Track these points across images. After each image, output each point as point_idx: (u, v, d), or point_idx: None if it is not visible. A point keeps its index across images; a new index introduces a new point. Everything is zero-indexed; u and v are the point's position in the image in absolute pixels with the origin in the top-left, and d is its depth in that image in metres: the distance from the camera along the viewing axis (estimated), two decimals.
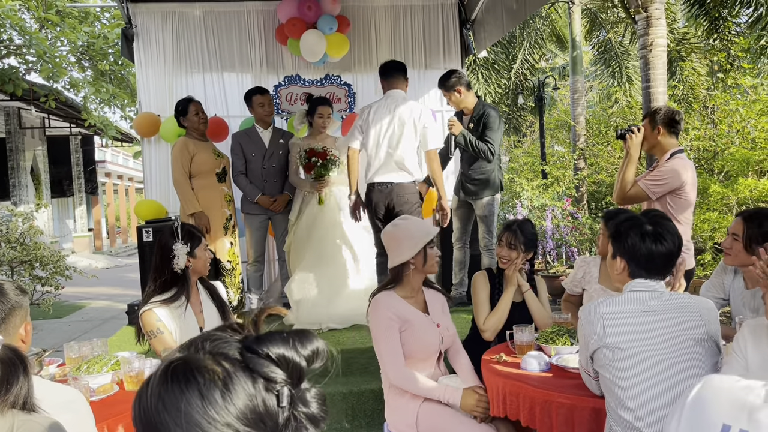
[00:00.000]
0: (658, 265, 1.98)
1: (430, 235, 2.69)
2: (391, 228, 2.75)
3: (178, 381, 0.73)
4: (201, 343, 0.78)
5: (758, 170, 5.59)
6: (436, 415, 2.57)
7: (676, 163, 3.40)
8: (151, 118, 5.49)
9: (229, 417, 0.71)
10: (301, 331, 0.79)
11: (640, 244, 1.97)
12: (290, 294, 4.70)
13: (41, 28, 10.69)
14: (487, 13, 5.73)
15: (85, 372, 2.41)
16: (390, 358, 2.57)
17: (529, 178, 9.73)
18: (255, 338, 0.76)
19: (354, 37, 5.78)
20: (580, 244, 7.16)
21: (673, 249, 1.97)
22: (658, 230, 1.98)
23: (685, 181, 3.34)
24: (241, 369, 0.74)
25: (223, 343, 0.77)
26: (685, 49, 11.17)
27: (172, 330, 2.59)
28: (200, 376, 0.72)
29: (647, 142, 3.55)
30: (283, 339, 0.76)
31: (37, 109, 11.55)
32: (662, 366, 1.84)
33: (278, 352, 0.75)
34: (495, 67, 13.59)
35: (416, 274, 2.70)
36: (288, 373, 0.75)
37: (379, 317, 2.61)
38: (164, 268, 2.62)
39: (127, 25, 5.61)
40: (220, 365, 0.74)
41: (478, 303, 3.02)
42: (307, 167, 4.67)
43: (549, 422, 2.14)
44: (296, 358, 0.75)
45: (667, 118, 3.48)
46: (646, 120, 3.58)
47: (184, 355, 0.76)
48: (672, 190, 3.37)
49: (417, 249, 2.64)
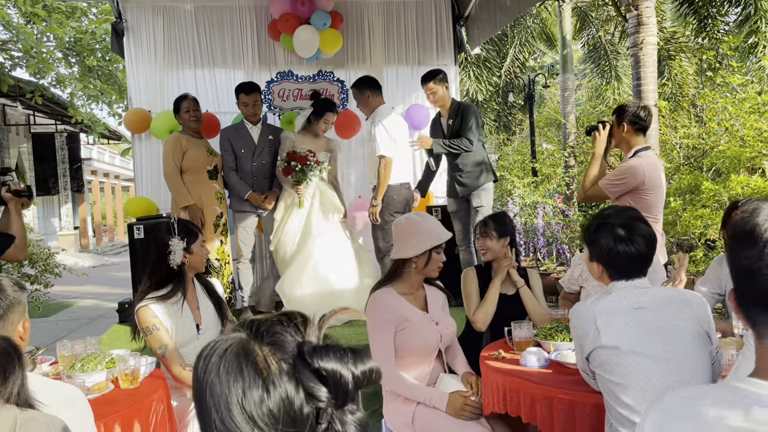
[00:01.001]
0: (634, 267, 1.98)
1: (439, 239, 2.64)
2: (404, 221, 2.72)
3: (227, 365, 0.75)
4: (264, 328, 0.78)
5: (749, 167, 5.64)
6: (433, 414, 2.56)
7: (636, 162, 3.32)
8: (142, 114, 5.43)
9: (259, 413, 0.72)
10: (359, 350, 0.78)
11: (613, 248, 1.97)
12: (282, 292, 4.68)
13: (28, 22, 10.55)
14: (481, 10, 5.73)
15: (80, 370, 2.37)
16: (380, 358, 2.54)
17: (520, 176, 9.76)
18: (312, 348, 0.75)
19: (347, 34, 5.75)
20: (571, 241, 7.19)
21: (645, 250, 1.97)
22: (630, 232, 1.97)
23: (644, 181, 3.27)
24: (288, 375, 0.74)
25: (282, 338, 0.76)
26: (674, 47, 11.24)
27: (168, 326, 2.57)
28: (249, 368, 0.74)
29: (614, 139, 3.51)
30: (339, 355, 0.75)
31: (23, 106, 11.41)
32: (659, 362, 1.84)
33: (330, 368, 0.74)
34: (486, 65, 13.61)
35: (416, 273, 2.68)
36: (333, 393, 0.74)
37: (375, 315, 2.60)
38: (160, 264, 2.60)
39: (117, 19, 5.53)
40: (271, 364, 0.74)
41: (467, 296, 3.04)
42: (286, 171, 4.62)
43: (550, 418, 2.13)
44: (347, 377, 0.74)
45: (633, 115, 3.40)
46: (614, 116, 3.52)
47: (243, 340, 0.77)
48: (630, 190, 3.30)
49: (421, 249, 2.61)
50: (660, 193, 3.38)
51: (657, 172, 3.35)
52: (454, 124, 4.66)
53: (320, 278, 4.60)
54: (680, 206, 5.08)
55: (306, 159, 4.57)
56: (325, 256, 4.63)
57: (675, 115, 7.82)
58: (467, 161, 4.68)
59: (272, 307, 5.13)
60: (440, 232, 2.66)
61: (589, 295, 2.94)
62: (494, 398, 2.38)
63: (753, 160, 5.58)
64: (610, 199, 3.47)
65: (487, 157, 4.82)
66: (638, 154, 3.38)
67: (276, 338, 0.77)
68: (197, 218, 4.62)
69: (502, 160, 11.79)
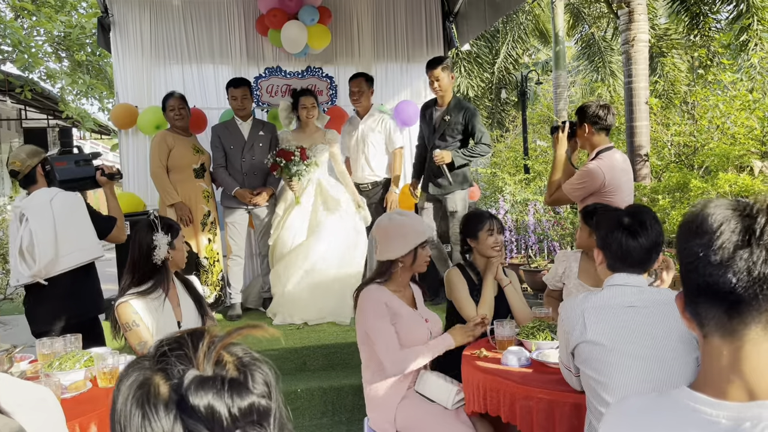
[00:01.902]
0: (635, 259, 1.97)
1: (423, 236, 2.66)
2: (386, 221, 2.72)
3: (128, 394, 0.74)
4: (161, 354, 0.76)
5: (738, 165, 5.64)
6: (414, 412, 2.56)
7: (594, 165, 3.25)
8: (129, 110, 5.39)
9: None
10: (239, 382, 0.74)
11: (615, 237, 1.97)
12: (274, 285, 4.68)
13: (17, 17, 10.47)
14: (470, 6, 5.70)
15: (57, 368, 2.35)
16: (385, 347, 2.54)
17: (512, 173, 9.76)
18: (190, 382, 0.72)
19: (336, 29, 5.72)
20: (562, 238, 7.19)
21: (648, 244, 1.96)
22: (636, 224, 1.96)
23: (604, 183, 3.19)
24: (171, 409, 0.72)
25: (173, 368, 0.74)
26: (666, 45, 11.25)
27: (148, 323, 2.55)
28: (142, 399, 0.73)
29: (579, 140, 3.42)
30: (217, 389, 0.72)
31: (13, 100, 11.32)
32: (644, 361, 1.82)
33: (205, 404, 0.71)
34: (478, 61, 13.59)
35: (404, 272, 2.68)
36: (211, 427, 0.71)
37: (371, 306, 2.58)
38: (143, 260, 2.58)
39: (104, 14, 5.48)
40: (160, 397, 0.72)
41: (461, 298, 2.95)
42: (273, 167, 4.63)
43: (529, 418, 2.12)
44: (221, 413, 0.71)
45: (592, 115, 3.29)
46: (576, 117, 3.43)
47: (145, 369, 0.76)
48: (593, 193, 3.23)
49: (407, 249, 2.63)
50: (623, 192, 3.28)
51: (617, 173, 3.26)
52: (452, 121, 4.56)
53: (312, 276, 4.58)
54: (669, 204, 5.08)
55: (291, 155, 4.56)
56: (321, 253, 4.61)
57: (667, 113, 7.84)
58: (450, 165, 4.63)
59: (260, 303, 5.12)
60: (422, 229, 2.69)
61: (570, 293, 2.93)
62: (475, 397, 2.37)
63: (741, 158, 5.59)
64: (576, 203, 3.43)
65: (468, 167, 4.75)
66: (599, 155, 3.30)
67: (169, 367, 0.74)
68: (185, 216, 4.60)
69: (495, 156, 11.79)
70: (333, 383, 3.77)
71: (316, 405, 3.70)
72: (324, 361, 4.03)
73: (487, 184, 10.28)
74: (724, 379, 0.90)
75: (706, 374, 0.93)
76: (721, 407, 0.88)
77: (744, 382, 0.88)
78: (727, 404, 0.88)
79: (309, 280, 4.56)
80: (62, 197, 3.13)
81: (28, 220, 3.07)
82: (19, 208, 3.15)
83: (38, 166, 3.24)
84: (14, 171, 3.23)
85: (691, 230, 0.92)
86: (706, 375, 0.93)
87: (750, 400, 0.87)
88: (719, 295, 0.90)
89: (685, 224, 0.95)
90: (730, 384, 0.89)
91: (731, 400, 0.88)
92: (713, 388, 0.91)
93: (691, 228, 0.92)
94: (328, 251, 4.60)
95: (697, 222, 0.92)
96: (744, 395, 0.88)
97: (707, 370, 0.93)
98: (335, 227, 4.65)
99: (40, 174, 3.24)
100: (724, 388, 0.89)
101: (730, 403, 0.88)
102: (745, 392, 0.88)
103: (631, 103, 6.91)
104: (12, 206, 3.20)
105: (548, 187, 3.54)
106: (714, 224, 0.89)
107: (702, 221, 0.91)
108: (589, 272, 2.97)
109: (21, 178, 3.23)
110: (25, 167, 3.21)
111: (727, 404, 0.88)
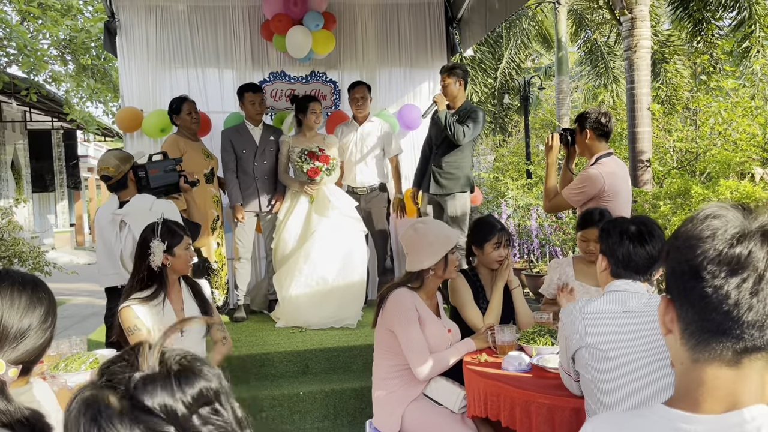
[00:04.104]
0: (638, 266, 1.99)
1: (451, 241, 2.67)
2: (411, 232, 2.71)
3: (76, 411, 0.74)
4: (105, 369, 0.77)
5: (739, 172, 5.65)
6: (421, 414, 2.58)
7: (594, 171, 3.30)
8: (134, 113, 5.43)
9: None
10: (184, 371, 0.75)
11: (620, 244, 1.99)
12: (278, 287, 4.70)
13: (23, 20, 10.53)
14: (473, 12, 5.73)
15: (63, 370, 2.38)
16: (418, 351, 2.55)
17: (514, 178, 9.77)
18: (135, 385, 0.73)
19: (340, 35, 5.75)
20: (564, 243, 7.19)
21: (653, 253, 1.98)
22: (642, 232, 1.99)
23: (604, 188, 3.25)
24: (128, 419, 0.71)
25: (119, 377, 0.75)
26: (668, 51, 11.27)
27: (150, 328, 2.57)
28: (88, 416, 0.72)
29: (578, 146, 3.49)
30: (163, 385, 0.73)
31: (18, 103, 11.37)
32: (643, 366, 1.84)
33: (159, 404, 0.72)
34: (481, 66, 13.62)
35: (435, 279, 2.70)
36: (175, 424, 0.72)
37: (403, 309, 2.59)
38: (141, 265, 2.60)
39: (110, 18, 5.53)
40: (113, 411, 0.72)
41: (466, 304, 2.94)
42: (313, 171, 4.65)
43: (529, 422, 2.14)
44: (176, 408, 0.72)
45: (594, 121, 3.37)
46: (576, 123, 3.49)
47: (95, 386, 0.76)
48: (592, 198, 3.28)
49: (437, 258, 2.64)
50: (621, 199, 3.34)
51: (617, 180, 3.32)
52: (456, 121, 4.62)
53: (316, 280, 4.60)
54: (670, 210, 5.09)
55: (329, 158, 4.68)
56: (324, 258, 4.63)
57: (669, 119, 7.84)
58: (452, 164, 4.66)
59: (266, 306, 5.15)
60: (450, 234, 2.71)
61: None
62: (475, 402, 2.40)
63: (743, 164, 5.60)
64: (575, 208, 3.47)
65: (472, 166, 4.81)
66: (599, 161, 3.35)
67: (114, 378, 0.75)
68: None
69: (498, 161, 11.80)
70: (335, 386, 3.79)
71: (318, 408, 3.72)
72: (326, 365, 4.05)
73: (490, 189, 10.30)
74: (698, 393, 0.88)
75: (679, 389, 0.92)
76: (696, 421, 0.87)
77: (717, 396, 0.87)
78: (701, 417, 0.87)
79: (309, 287, 4.58)
80: (160, 204, 3.20)
81: (130, 227, 3.14)
82: (119, 215, 3.21)
83: (129, 172, 3.29)
84: (107, 176, 3.28)
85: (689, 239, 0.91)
86: (679, 389, 0.92)
87: (724, 411, 0.86)
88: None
89: (683, 233, 0.93)
90: (704, 398, 0.88)
91: (706, 413, 0.87)
92: (687, 403, 0.89)
93: (690, 239, 0.91)
94: (327, 256, 4.63)
95: (700, 235, 0.90)
96: (718, 407, 0.87)
97: (680, 385, 0.92)
98: (333, 232, 4.68)
99: (131, 180, 3.31)
100: (698, 401, 0.88)
101: (704, 416, 0.87)
102: (719, 404, 0.87)
103: (633, 109, 6.92)
104: (113, 213, 3.26)
105: (545, 195, 3.58)
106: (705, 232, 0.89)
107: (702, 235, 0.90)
108: (586, 273, 3.00)
109: (113, 183, 3.27)
110: (118, 173, 3.26)
111: (702, 417, 0.87)
